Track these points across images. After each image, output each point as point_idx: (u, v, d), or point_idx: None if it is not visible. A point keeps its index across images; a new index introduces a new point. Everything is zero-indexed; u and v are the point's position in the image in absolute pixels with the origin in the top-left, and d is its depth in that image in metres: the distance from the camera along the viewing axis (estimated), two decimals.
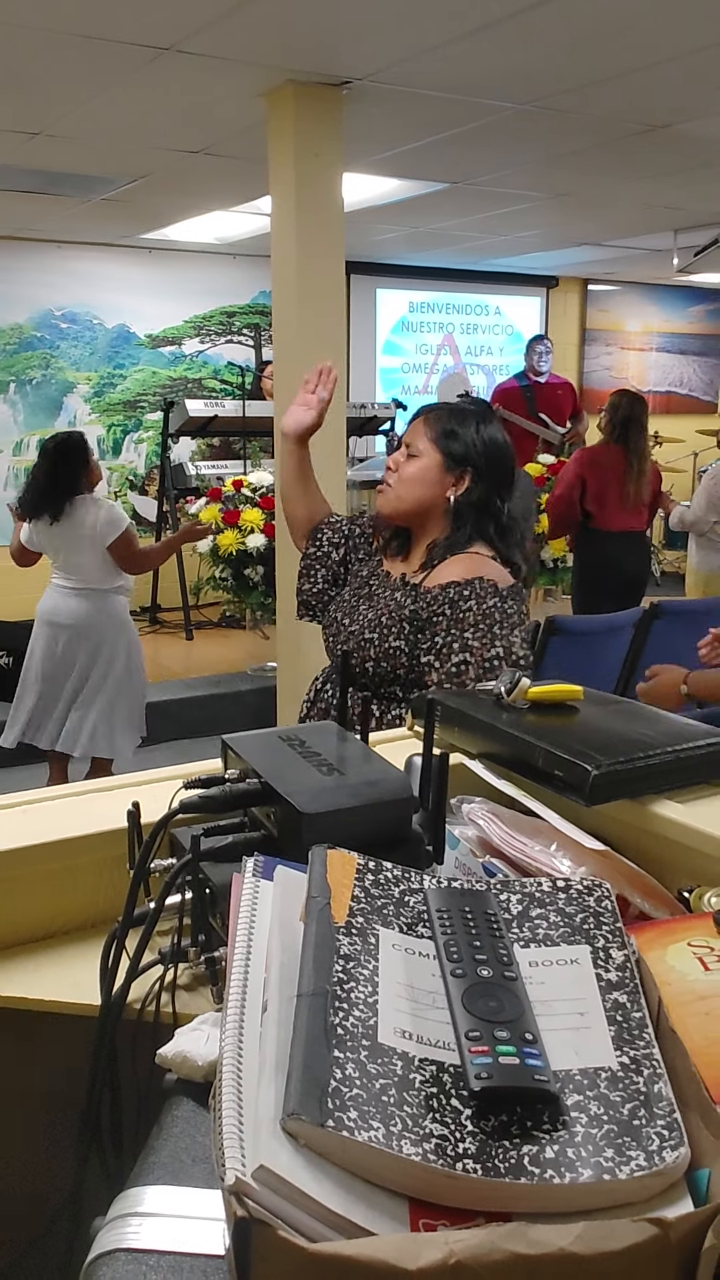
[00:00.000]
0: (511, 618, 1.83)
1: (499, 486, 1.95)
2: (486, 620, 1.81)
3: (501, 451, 1.96)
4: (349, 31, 3.58)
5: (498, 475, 1.94)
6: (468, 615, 1.81)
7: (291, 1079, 0.62)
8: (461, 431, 1.93)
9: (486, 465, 1.93)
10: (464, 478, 1.93)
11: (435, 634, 1.83)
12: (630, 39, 3.60)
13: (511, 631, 1.82)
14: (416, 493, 1.95)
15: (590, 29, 3.50)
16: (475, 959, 0.74)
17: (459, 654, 1.80)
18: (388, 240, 7.73)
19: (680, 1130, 0.62)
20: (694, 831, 1.07)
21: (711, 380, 10.85)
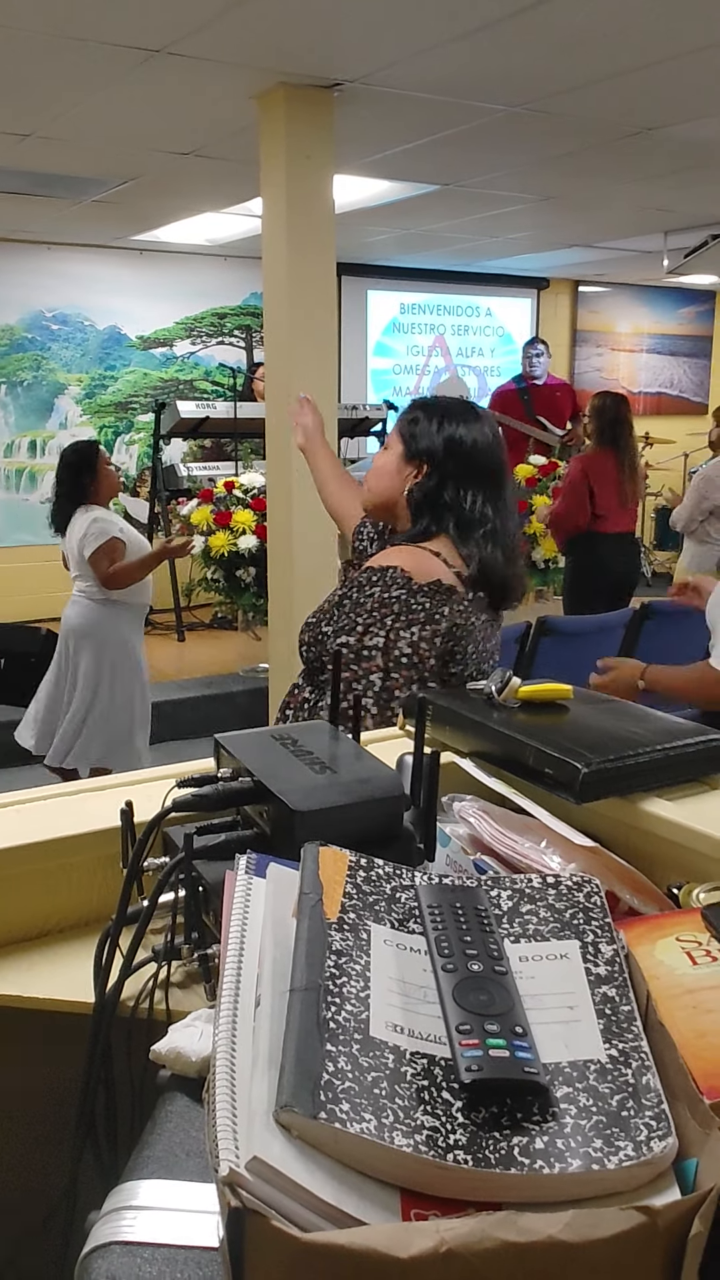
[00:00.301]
0: (414, 613, 1.75)
1: (462, 480, 1.87)
2: (381, 610, 1.75)
3: (464, 446, 1.87)
4: (340, 34, 3.59)
5: (458, 468, 1.87)
6: (368, 601, 1.77)
7: (284, 1072, 0.63)
8: (425, 422, 1.89)
9: (445, 456, 1.86)
10: (422, 468, 1.88)
11: (341, 613, 1.79)
12: (621, 42, 3.62)
13: (406, 627, 1.74)
14: (381, 484, 1.92)
15: (581, 32, 3.52)
16: (466, 954, 0.74)
17: (345, 635, 1.76)
18: (379, 242, 7.75)
19: (668, 1121, 0.63)
20: (683, 829, 1.08)
21: (701, 381, 10.88)
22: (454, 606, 1.78)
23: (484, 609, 1.85)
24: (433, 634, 1.75)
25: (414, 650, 1.74)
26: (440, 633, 1.76)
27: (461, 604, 1.79)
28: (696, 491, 5.40)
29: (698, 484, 5.44)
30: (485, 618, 1.85)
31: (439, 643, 1.76)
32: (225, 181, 5.58)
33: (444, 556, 1.83)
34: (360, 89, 4.11)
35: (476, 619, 1.82)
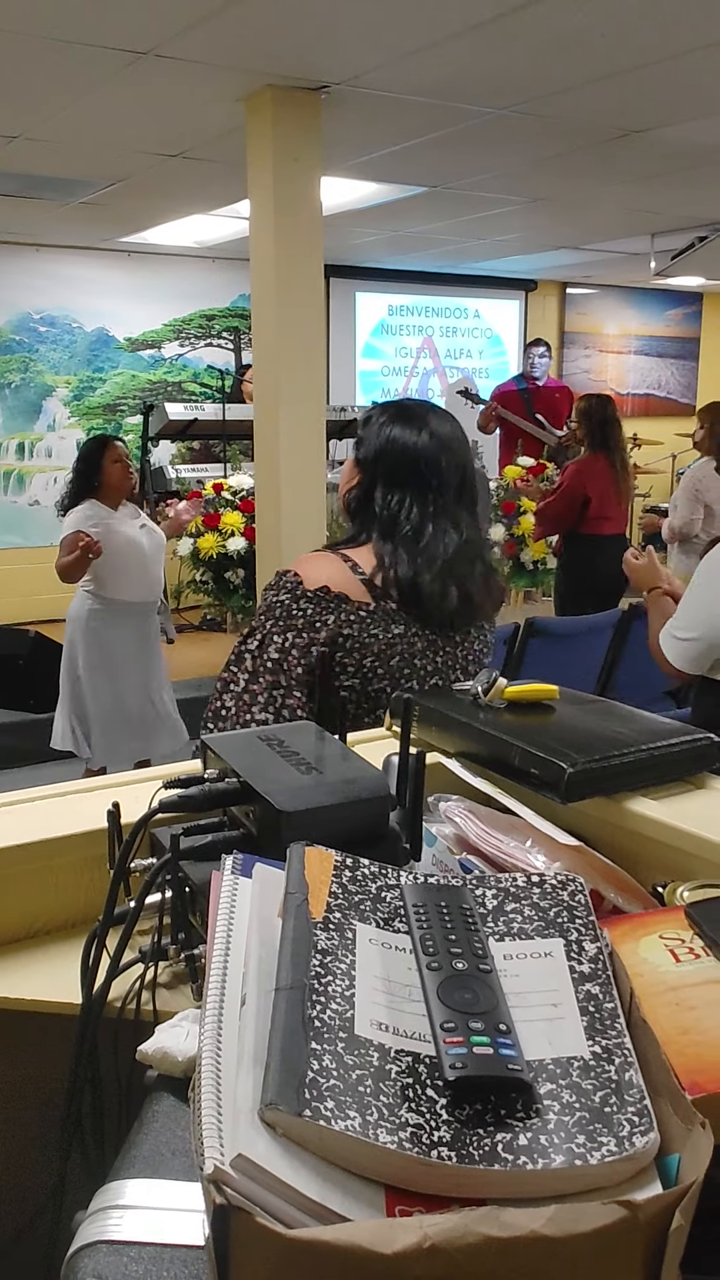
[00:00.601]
0: (293, 619, 1.67)
1: (390, 484, 1.76)
2: (266, 612, 1.70)
3: (396, 448, 1.77)
4: (327, 36, 3.60)
5: (387, 471, 1.77)
6: (259, 603, 1.73)
7: (269, 1070, 0.63)
8: (371, 426, 1.81)
9: (375, 460, 1.78)
10: (359, 474, 1.81)
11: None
12: (607, 44, 3.64)
13: (282, 632, 1.67)
14: (341, 490, 1.87)
15: (568, 34, 3.53)
16: (451, 952, 0.75)
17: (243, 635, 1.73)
18: (367, 243, 7.76)
19: (650, 1117, 0.63)
20: (668, 828, 1.08)
21: (689, 383, 10.92)
22: (342, 615, 1.67)
23: (402, 621, 1.71)
24: (309, 642, 1.66)
25: (282, 656, 1.66)
26: (318, 641, 1.66)
27: (354, 614, 1.68)
28: (688, 493, 5.42)
29: (689, 486, 5.45)
30: (402, 630, 1.70)
31: (314, 651, 1.66)
32: (213, 184, 5.58)
33: (358, 563, 1.73)
34: (347, 91, 4.12)
35: (381, 631, 1.69)
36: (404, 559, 1.71)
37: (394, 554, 1.72)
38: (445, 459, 1.77)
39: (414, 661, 1.72)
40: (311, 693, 1.64)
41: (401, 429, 1.77)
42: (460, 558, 1.74)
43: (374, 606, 1.70)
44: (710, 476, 5.33)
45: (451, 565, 1.73)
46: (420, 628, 1.72)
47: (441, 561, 1.72)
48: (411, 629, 1.72)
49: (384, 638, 1.69)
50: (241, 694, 1.67)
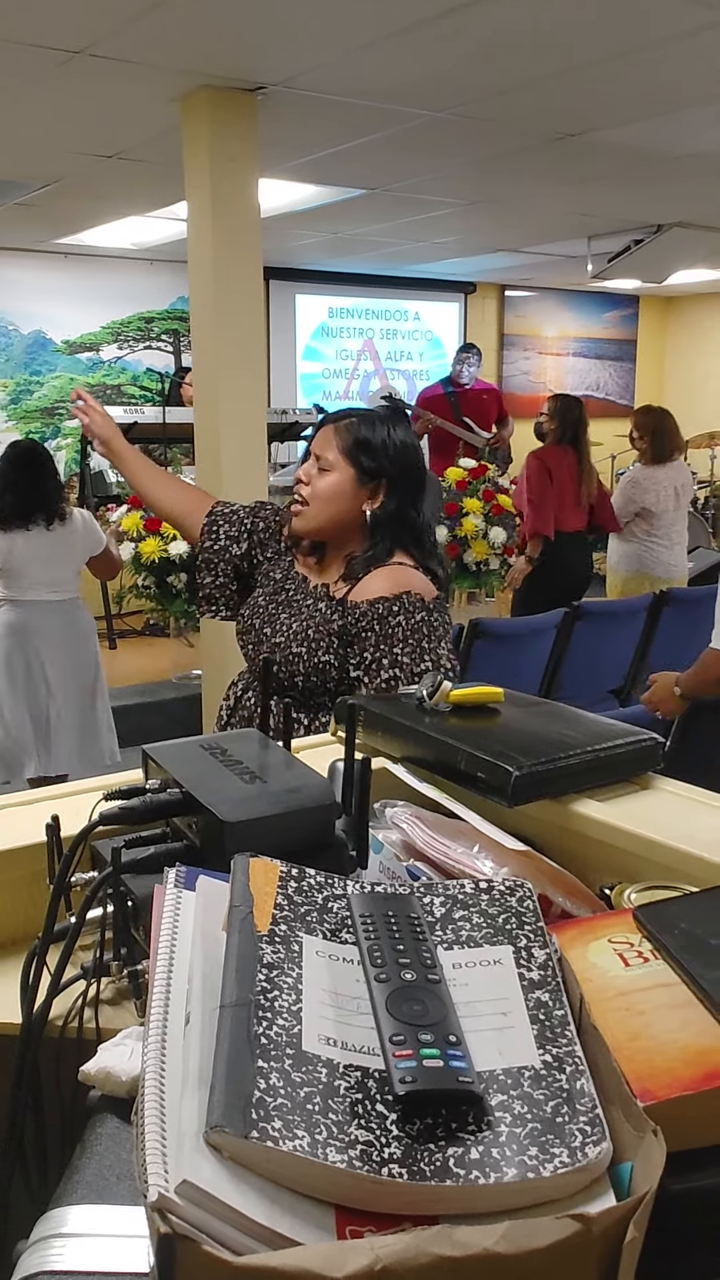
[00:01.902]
0: (438, 630, 1.82)
1: (413, 494, 1.91)
2: (415, 635, 1.79)
3: (412, 457, 1.91)
4: (262, 37, 3.58)
5: (411, 483, 1.91)
6: (396, 631, 1.79)
7: (215, 1091, 0.61)
8: (373, 441, 1.87)
9: (400, 474, 1.88)
10: (379, 490, 1.87)
11: (364, 649, 1.79)
12: (541, 48, 3.66)
13: (439, 644, 1.81)
14: (331, 510, 1.88)
15: (502, 37, 3.55)
16: (399, 963, 0.74)
17: (389, 669, 1.78)
18: (306, 246, 7.75)
19: (602, 1126, 0.62)
20: (614, 829, 1.08)
21: (627, 384, 11.05)
22: (448, 614, 1.89)
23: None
24: (451, 644, 1.86)
25: (451, 666, 1.81)
26: (452, 640, 1.86)
27: (448, 612, 1.89)
28: (624, 494, 5.47)
29: (625, 486, 5.51)
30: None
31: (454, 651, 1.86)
32: (150, 185, 5.54)
33: (417, 569, 1.89)
34: (284, 92, 4.10)
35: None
36: (441, 563, 1.94)
37: (438, 561, 1.93)
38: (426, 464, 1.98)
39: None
40: None
41: (403, 433, 1.92)
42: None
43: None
44: (651, 480, 5.39)
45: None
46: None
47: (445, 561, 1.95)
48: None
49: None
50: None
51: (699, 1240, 0.64)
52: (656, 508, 5.38)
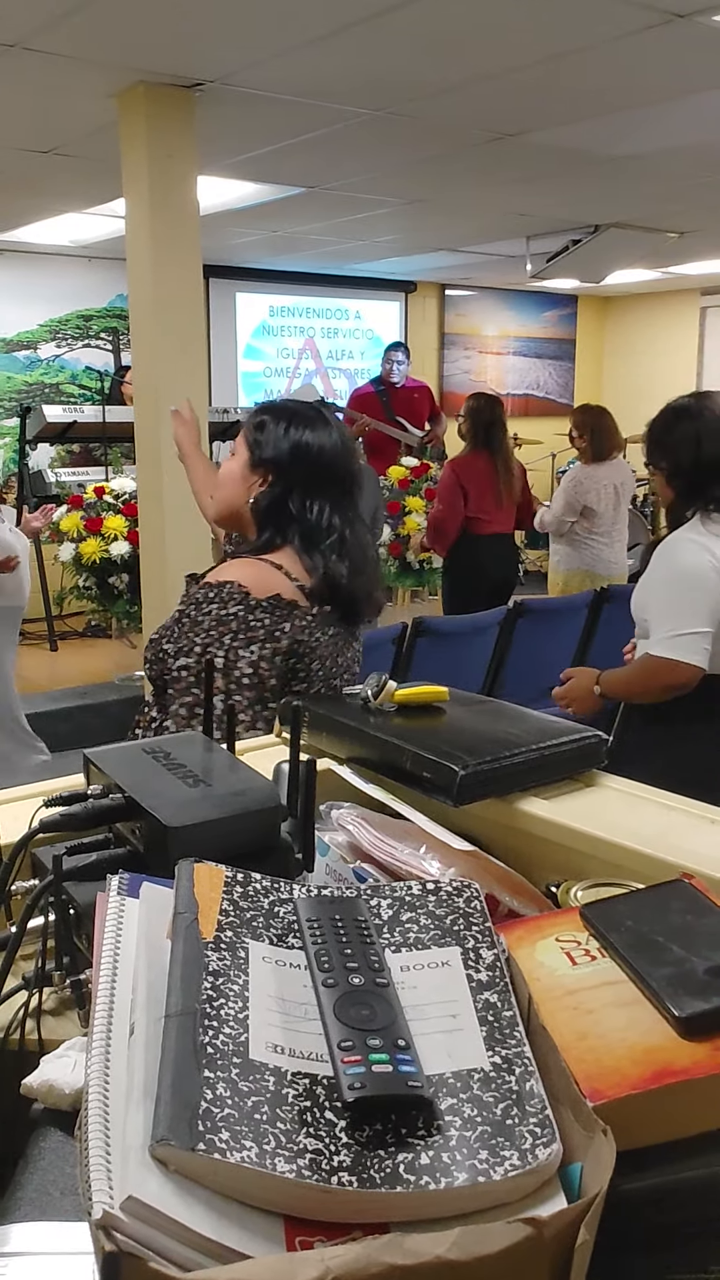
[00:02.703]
0: (253, 630, 1.67)
1: (304, 488, 1.78)
2: (220, 627, 1.67)
3: (311, 453, 1.79)
4: (199, 33, 3.55)
5: (304, 477, 1.79)
6: (204, 620, 1.69)
7: (160, 1103, 0.60)
8: (269, 427, 1.80)
9: (289, 464, 1.78)
10: (267, 476, 1.80)
11: (179, 634, 1.71)
12: (477, 48, 3.67)
13: (246, 645, 1.67)
14: (225, 492, 1.85)
15: (438, 37, 3.55)
16: (346, 967, 0.73)
17: (182, 658, 1.68)
18: (246, 244, 7.71)
19: (552, 1127, 0.62)
20: (559, 827, 1.08)
21: (567, 383, 11.15)
22: (295, 622, 1.70)
23: (332, 623, 1.76)
24: (273, 652, 1.68)
25: (254, 670, 1.67)
26: (281, 650, 1.68)
27: (304, 619, 1.71)
28: (566, 493, 5.51)
29: (567, 486, 5.54)
30: (333, 633, 1.76)
31: (279, 661, 1.68)
32: (87, 181, 5.48)
33: (286, 569, 1.75)
34: (221, 89, 4.08)
35: (322, 634, 1.74)
36: (338, 567, 1.76)
37: (325, 562, 1.75)
38: (352, 463, 1.84)
39: (337, 659, 1.78)
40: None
41: (311, 433, 1.80)
42: (373, 559, 1.84)
43: (315, 611, 1.74)
44: (590, 478, 5.44)
45: (367, 566, 1.81)
46: (346, 628, 1.80)
47: (360, 563, 1.79)
48: (339, 630, 1.79)
49: (324, 640, 1.75)
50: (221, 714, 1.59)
51: (651, 1239, 0.64)
52: (598, 506, 5.43)
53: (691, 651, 2.39)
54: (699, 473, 2.46)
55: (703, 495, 2.46)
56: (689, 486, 2.48)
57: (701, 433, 2.45)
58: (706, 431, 2.45)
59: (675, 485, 2.52)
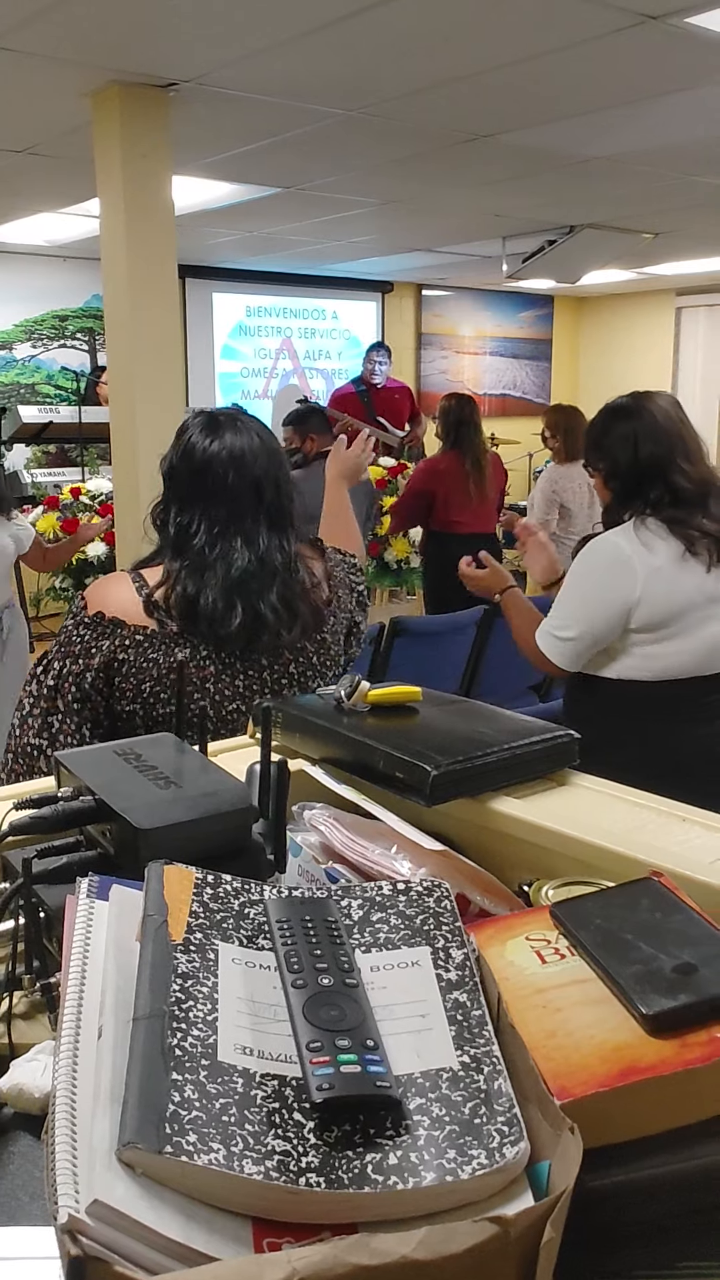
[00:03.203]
0: (72, 645, 1.65)
1: (185, 500, 1.71)
2: (57, 639, 1.69)
3: (191, 465, 1.71)
4: (173, 33, 3.55)
5: (179, 487, 1.72)
6: (60, 634, 1.71)
7: (127, 1106, 0.60)
8: (176, 439, 1.75)
9: (173, 473, 1.73)
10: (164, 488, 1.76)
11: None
12: (452, 49, 3.68)
13: (62, 659, 1.65)
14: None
15: (411, 38, 3.56)
16: (316, 968, 0.73)
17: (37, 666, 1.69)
18: (222, 244, 7.70)
19: (520, 1125, 0.62)
20: (531, 826, 1.09)
21: (543, 383, 11.18)
22: (117, 640, 1.63)
23: (190, 645, 1.66)
24: (84, 668, 1.62)
25: (58, 682, 1.64)
26: (92, 668, 1.62)
27: (131, 638, 1.64)
28: (543, 493, 5.53)
29: (543, 485, 5.56)
30: (187, 655, 1.65)
31: (90, 678, 1.62)
32: (62, 181, 5.46)
33: (148, 582, 1.69)
34: (195, 89, 4.07)
35: (161, 655, 1.64)
36: (187, 578, 1.65)
37: (179, 573, 1.66)
38: (235, 472, 1.69)
39: (206, 686, 1.66)
40: (93, 719, 1.64)
41: (199, 442, 1.71)
42: (252, 576, 1.66)
43: (153, 630, 1.65)
44: (565, 477, 5.46)
45: (239, 584, 1.65)
46: (213, 651, 1.67)
47: (225, 580, 1.65)
48: (201, 652, 1.66)
49: (165, 662, 1.64)
50: (25, 717, 1.65)
51: (619, 1236, 0.64)
52: (572, 505, 5.45)
53: (557, 653, 2.40)
54: (635, 474, 2.36)
55: (639, 497, 2.36)
56: (625, 489, 2.39)
57: (639, 434, 2.35)
58: (643, 432, 2.35)
59: (612, 487, 2.43)
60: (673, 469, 2.32)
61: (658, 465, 2.33)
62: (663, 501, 2.33)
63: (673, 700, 2.37)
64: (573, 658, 2.40)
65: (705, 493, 2.35)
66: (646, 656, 2.36)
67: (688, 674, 2.36)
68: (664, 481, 2.33)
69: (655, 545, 2.31)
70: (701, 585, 2.31)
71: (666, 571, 2.30)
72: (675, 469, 2.32)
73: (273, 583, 1.68)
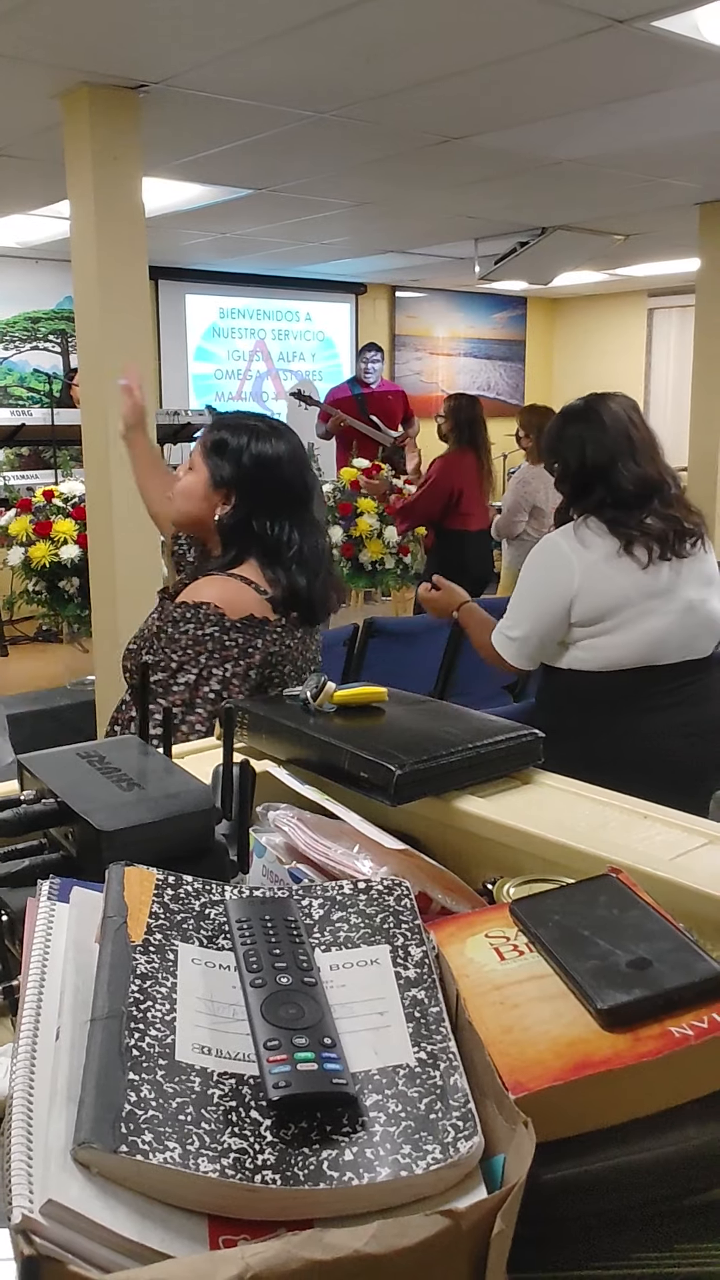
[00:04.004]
0: (228, 649, 1.76)
1: (268, 508, 1.87)
2: (196, 646, 1.76)
3: (270, 470, 1.86)
4: (143, 35, 3.54)
5: (263, 496, 1.87)
6: (181, 638, 1.77)
7: (83, 1106, 0.60)
8: (230, 448, 1.86)
9: (250, 485, 1.86)
10: (230, 497, 1.86)
11: (157, 651, 1.79)
12: (422, 51, 3.69)
13: (220, 664, 1.76)
14: (187, 507, 1.92)
15: (382, 40, 3.57)
16: (275, 967, 0.73)
17: (159, 673, 1.75)
18: (195, 246, 7.68)
19: (474, 1120, 0.63)
20: (494, 824, 1.09)
21: (517, 384, 11.22)
22: (267, 637, 1.81)
23: (298, 626, 1.87)
24: (246, 669, 1.77)
25: (224, 687, 1.75)
26: (254, 665, 1.78)
27: (274, 632, 1.82)
28: (515, 495, 5.55)
29: (516, 486, 5.59)
30: (300, 634, 1.87)
31: (253, 675, 1.78)
32: (32, 183, 5.44)
33: (254, 581, 1.84)
34: (166, 91, 4.06)
35: (292, 640, 1.85)
36: (298, 578, 1.85)
37: (288, 575, 1.85)
38: (307, 476, 1.91)
39: (306, 657, 1.89)
40: None
41: (267, 451, 1.86)
42: (329, 563, 1.94)
43: (284, 621, 1.84)
44: (538, 478, 5.48)
45: (328, 572, 1.91)
46: (307, 628, 1.90)
47: (322, 571, 1.89)
48: (304, 630, 1.89)
49: (294, 645, 1.86)
50: (179, 726, 1.70)
51: (573, 1229, 0.65)
52: (545, 505, 5.47)
53: (510, 652, 2.50)
54: (583, 476, 2.44)
55: (586, 498, 2.45)
56: (574, 489, 2.49)
57: (587, 437, 2.43)
58: (591, 436, 2.43)
59: (563, 488, 2.53)
60: (616, 471, 2.40)
61: (602, 468, 2.42)
62: (605, 502, 2.42)
63: (619, 689, 2.46)
64: (523, 655, 2.50)
65: (648, 493, 2.42)
66: (590, 649, 2.45)
67: (631, 665, 2.45)
68: (607, 483, 2.41)
69: (592, 542, 2.41)
70: (638, 581, 2.39)
71: (602, 567, 2.39)
72: (618, 471, 2.40)
73: (333, 565, 2.01)
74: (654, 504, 2.41)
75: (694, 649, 2.48)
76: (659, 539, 2.39)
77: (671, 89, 4.12)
